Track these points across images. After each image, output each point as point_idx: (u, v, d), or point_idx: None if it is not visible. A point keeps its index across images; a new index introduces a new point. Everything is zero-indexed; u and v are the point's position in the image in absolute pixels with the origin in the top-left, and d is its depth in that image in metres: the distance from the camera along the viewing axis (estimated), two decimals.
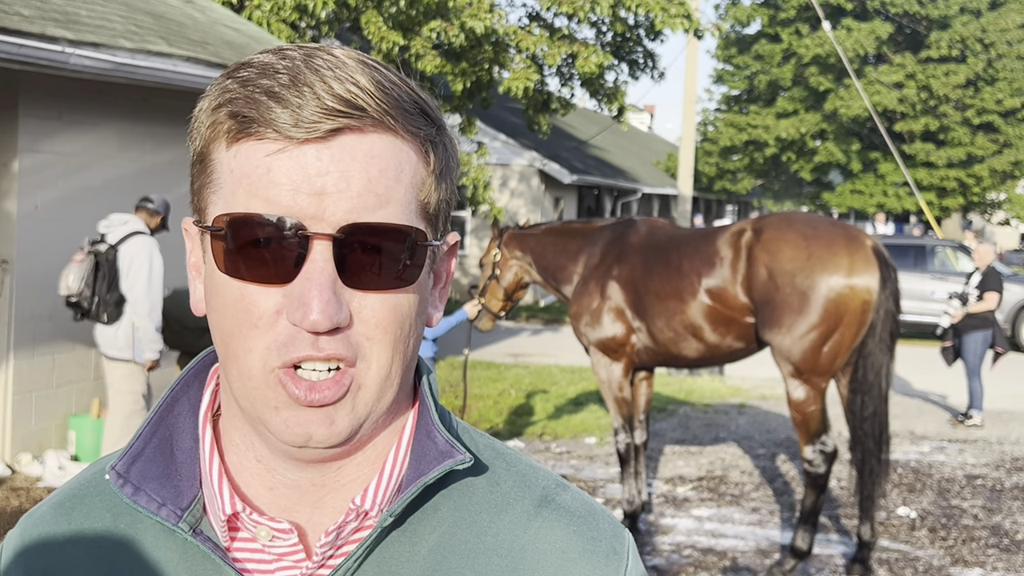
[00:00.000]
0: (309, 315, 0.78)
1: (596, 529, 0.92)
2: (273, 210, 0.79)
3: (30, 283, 7.03)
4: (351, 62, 0.81)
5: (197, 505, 0.88)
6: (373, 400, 0.83)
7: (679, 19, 13.22)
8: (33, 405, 7.37)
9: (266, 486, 0.88)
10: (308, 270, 0.79)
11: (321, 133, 0.79)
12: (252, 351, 0.81)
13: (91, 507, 0.92)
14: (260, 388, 0.81)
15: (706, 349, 6.20)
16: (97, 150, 7.63)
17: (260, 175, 0.80)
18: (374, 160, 0.80)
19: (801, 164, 32.60)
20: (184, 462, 0.90)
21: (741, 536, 6.76)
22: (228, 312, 0.82)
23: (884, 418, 5.84)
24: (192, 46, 7.98)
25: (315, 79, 0.79)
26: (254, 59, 0.83)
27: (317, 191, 0.79)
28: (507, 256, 7.01)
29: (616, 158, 31.15)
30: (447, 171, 0.87)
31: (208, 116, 0.83)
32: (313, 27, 11.88)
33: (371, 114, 0.80)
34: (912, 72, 30.00)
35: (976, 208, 32.59)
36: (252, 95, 0.80)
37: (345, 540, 0.88)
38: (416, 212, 0.83)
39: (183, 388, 0.94)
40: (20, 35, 6.24)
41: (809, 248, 5.74)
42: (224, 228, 0.81)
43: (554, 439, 9.41)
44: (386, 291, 0.82)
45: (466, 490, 0.91)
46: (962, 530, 7.02)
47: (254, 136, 0.80)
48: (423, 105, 0.84)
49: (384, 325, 0.82)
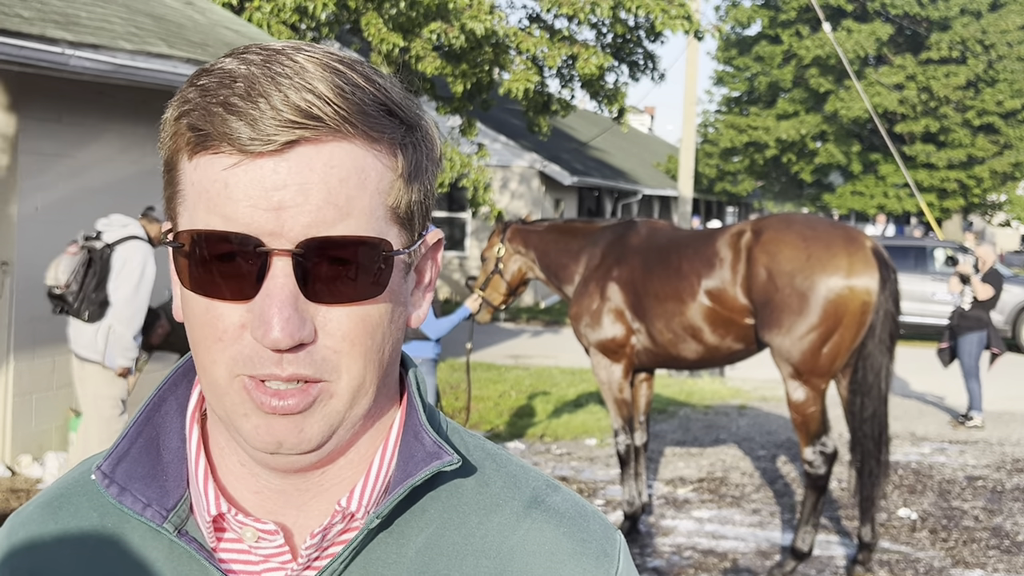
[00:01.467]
0: (270, 333, 0.77)
1: (586, 531, 0.91)
2: (231, 227, 0.78)
3: (30, 285, 7.02)
4: (311, 67, 0.79)
5: (183, 506, 0.87)
6: (345, 408, 0.82)
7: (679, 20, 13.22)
8: (33, 407, 7.37)
9: (251, 490, 0.88)
10: (268, 287, 0.78)
11: (277, 146, 0.77)
12: (217, 363, 0.80)
13: (78, 507, 0.92)
14: (228, 395, 0.80)
15: (706, 351, 6.20)
16: (97, 152, 7.63)
17: (218, 190, 0.78)
18: (333, 170, 0.78)
19: (801, 166, 32.60)
20: (171, 462, 0.89)
21: (742, 537, 6.75)
22: (196, 324, 0.81)
23: (883, 419, 5.84)
24: (192, 48, 7.98)
25: (271, 89, 0.77)
26: (216, 65, 0.81)
27: (275, 206, 0.77)
28: (510, 251, 7.01)
29: (616, 160, 31.15)
30: (418, 171, 0.84)
31: (171, 127, 0.82)
32: (313, 29, 11.87)
33: (328, 123, 0.78)
34: (912, 73, 30.00)
35: (977, 209, 32.58)
36: (209, 107, 0.78)
37: (331, 542, 0.87)
38: (384, 218, 0.81)
39: (171, 387, 0.93)
40: (20, 37, 6.24)
41: (808, 249, 5.74)
42: (185, 244, 0.80)
43: (554, 441, 9.41)
44: (352, 303, 0.80)
45: (454, 491, 0.90)
46: (963, 531, 7.01)
47: (211, 149, 0.78)
48: (390, 106, 0.82)
49: (352, 338, 0.80)
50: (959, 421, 10.53)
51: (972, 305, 10.48)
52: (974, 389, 10.42)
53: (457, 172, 12.79)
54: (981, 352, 10.45)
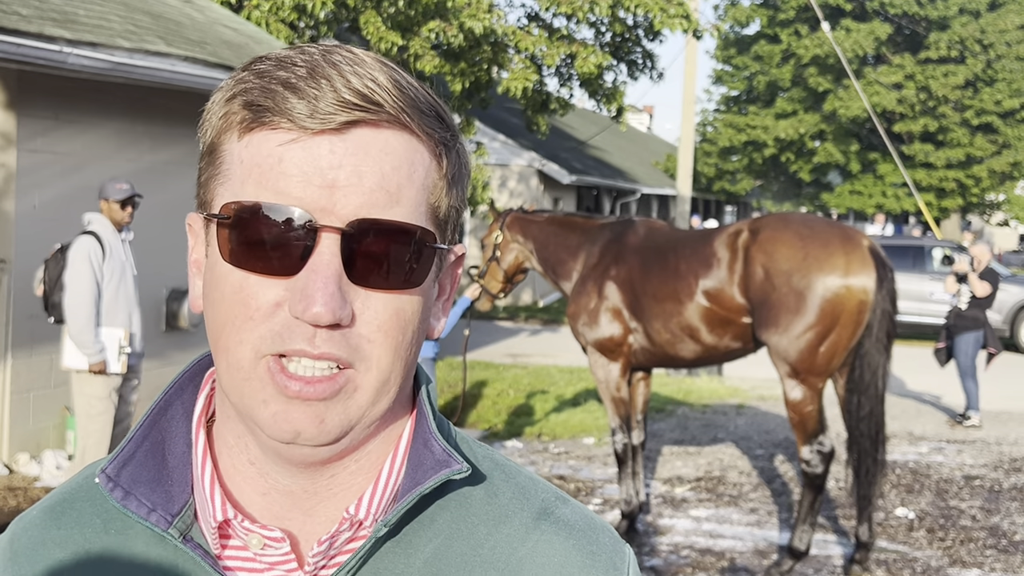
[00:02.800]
0: (312, 307, 0.76)
1: (596, 543, 0.91)
2: (282, 201, 0.78)
3: (28, 283, 7.02)
4: (370, 60, 0.81)
5: (188, 511, 0.86)
6: (368, 403, 0.81)
7: (678, 19, 13.22)
8: (31, 405, 7.36)
9: (259, 491, 0.86)
10: (314, 262, 0.77)
11: (336, 125, 0.77)
12: (244, 342, 0.79)
13: (81, 512, 0.91)
14: (249, 380, 0.79)
15: (703, 350, 6.21)
16: (95, 150, 7.63)
17: (271, 165, 0.78)
18: (388, 156, 0.79)
19: (800, 165, 32.62)
20: (176, 467, 0.88)
21: (739, 536, 6.76)
22: (225, 304, 0.80)
23: (880, 418, 5.84)
24: (190, 46, 7.97)
25: (333, 72, 0.78)
26: (271, 54, 0.82)
27: (328, 184, 0.77)
28: (508, 239, 7.01)
29: (615, 158, 31.15)
30: (459, 177, 0.86)
31: (221, 107, 0.82)
32: (312, 27, 11.87)
33: (387, 110, 0.79)
34: (911, 73, 30.01)
35: (975, 209, 32.60)
36: (268, 85, 0.79)
37: (338, 550, 0.86)
38: (426, 215, 0.82)
39: (177, 392, 0.92)
40: (18, 34, 6.23)
41: (806, 248, 5.75)
42: (231, 216, 0.79)
43: (552, 439, 9.41)
44: (392, 291, 0.80)
45: (463, 501, 0.89)
46: (960, 531, 7.02)
47: (268, 126, 0.79)
48: (439, 109, 0.83)
49: (386, 328, 0.80)
50: (956, 421, 10.54)
51: (969, 305, 10.49)
52: (971, 389, 10.43)
53: None
54: (978, 352, 10.46)
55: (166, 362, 8.26)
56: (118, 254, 6.16)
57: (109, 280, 6.10)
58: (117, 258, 6.14)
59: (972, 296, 10.47)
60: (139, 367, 6.46)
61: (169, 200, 8.19)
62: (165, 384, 0.94)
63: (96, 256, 6.03)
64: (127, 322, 6.21)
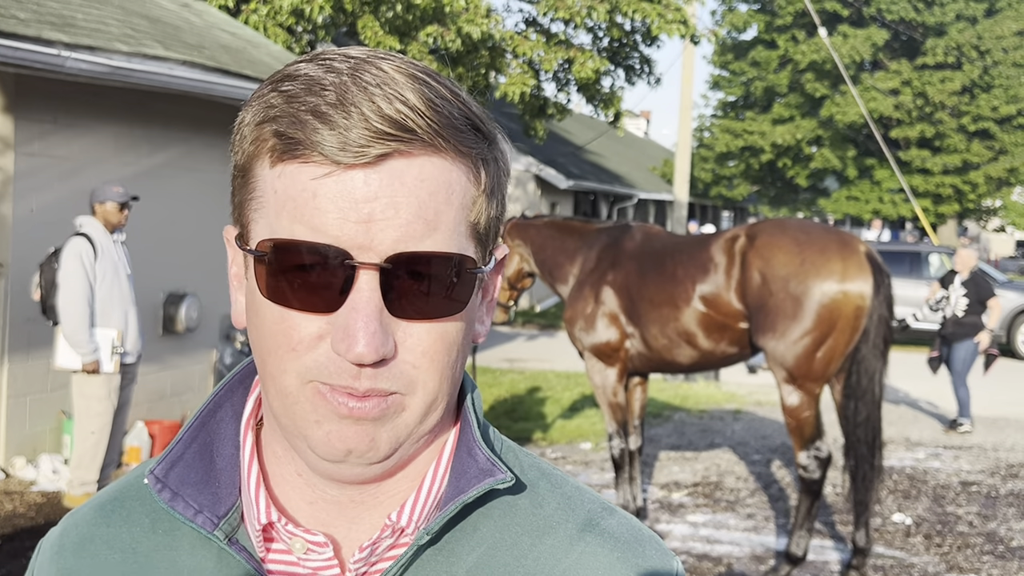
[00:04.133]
0: (355, 347, 0.75)
1: (642, 556, 0.89)
2: (319, 238, 0.76)
3: (25, 286, 7.02)
4: (400, 77, 0.77)
5: (235, 513, 0.87)
6: (415, 423, 0.81)
7: (675, 25, 13.24)
8: (28, 409, 7.35)
9: (306, 500, 0.86)
10: (354, 300, 0.76)
11: (370, 158, 0.75)
12: (288, 371, 0.79)
13: (131, 511, 0.91)
14: (299, 403, 0.79)
15: (700, 355, 6.21)
16: (92, 153, 7.63)
17: (306, 200, 0.76)
18: (424, 184, 0.77)
19: (797, 170, 32.65)
20: (224, 469, 0.89)
21: (736, 542, 6.75)
22: (267, 333, 0.80)
23: (877, 424, 5.84)
24: (188, 50, 7.97)
25: (363, 98, 0.76)
26: (299, 70, 0.79)
27: (364, 218, 0.76)
28: (510, 244, 7.03)
29: (612, 164, 31.17)
30: (498, 187, 0.85)
31: (252, 131, 0.80)
32: (309, 31, 11.88)
33: (421, 136, 0.76)
34: (908, 79, 30.06)
35: (972, 215, 32.66)
36: (297, 114, 0.76)
37: (380, 557, 0.85)
38: (466, 234, 0.80)
39: (227, 393, 0.92)
40: (16, 38, 6.23)
41: (803, 254, 5.75)
42: (268, 252, 0.78)
43: (549, 444, 9.41)
44: (434, 320, 0.79)
45: (508, 510, 0.88)
46: (957, 537, 7.02)
47: (300, 158, 0.77)
48: (474, 120, 0.81)
49: (431, 354, 0.79)
50: (949, 427, 10.54)
51: (967, 312, 10.49)
52: (963, 396, 10.42)
53: None
54: (975, 359, 10.46)
55: (163, 366, 8.26)
56: (110, 254, 6.19)
57: (102, 280, 6.14)
58: (109, 258, 6.17)
59: (968, 303, 10.47)
60: (135, 367, 6.47)
61: (167, 204, 8.19)
62: (161, 388, 0.94)
63: (88, 257, 6.07)
64: (122, 322, 6.24)
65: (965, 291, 10.52)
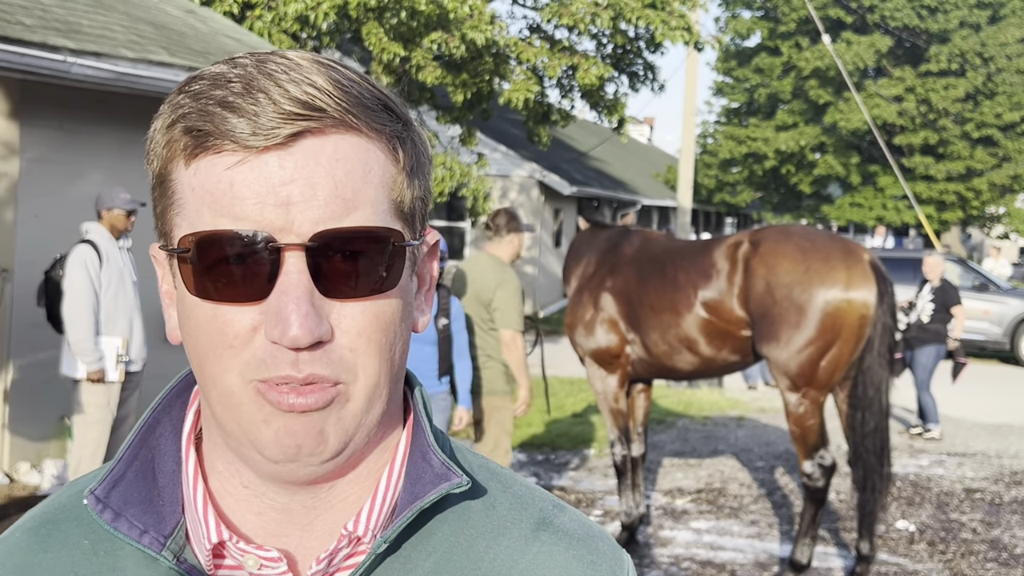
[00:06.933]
0: (288, 331, 0.74)
1: (595, 552, 0.90)
2: (241, 225, 0.76)
3: (30, 292, 7.02)
4: (305, 63, 0.78)
5: (180, 532, 0.84)
6: (361, 412, 0.80)
7: (679, 31, 13.25)
8: (32, 414, 7.35)
9: (254, 511, 0.85)
10: (283, 283, 0.76)
11: (281, 139, 0.75)
12: (228, 370, 0.77)
13: (67, 534, 0.87)
14: (243, 404, 0.78)
15: (701, 362, 6.19)
16: (97, 159, 7.64)
17: (223, 191, 0.76)
18: (339, 163, 0.77)
19: (800, 177, 32.62)
20: (166, 486, 0.86)
21: (740, 549, 6.75)
22: (202, 334, 0.78)
23: (885, 433, 5.83)
24: (193, 56, 7.99)
25: (269, 84, 0.76)
26: (205, 71, 0.79)
27: (283, 201, 0.75)
28: None
29: (616, 170, 31.18)
30: (418, 167, 0.83)
31: (163, 135, 0.79)
32: (314, 38, 11.89)
33: (331, 114, 0.76)
34: (912, 86, 30.05)
35: (975, 222, 32.61)
36: (205, 107, 0.76)
37: (337, 567, 0.84)
38: (389, 212, 0.80)
39: (165, 408, 0.90)
40: (22, 44, 6.25)
41: (807, 261, 5.74)
42: (190, 249, 0.77)
43: (553, 451, 9.40)
44: (367, 298, 0.78)
45: (462, 514, 0.88)
46: (961, 544, 7.01)
47: (212, 150, 0.76)
48: (386, 101, 0.81)
49: (368, 334, 0.79)
50: (917, 433, 10.52)
51: (931, 318, 10.48)
52: (927, 401, 10.43)
53: (457, 181, 12.81)
54: (936, 365, 10.45)
55: (167, 374, 8.25)
56: (116, 261, 6.17)
57: (107, 288, 6.11)
58: (115, 265, 6.15)
59: (934, 309, 10.47)
60: (140, 375, 6.44)
61: None
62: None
63: (93, 264, 6.04)
64: (127, 330, 6.21)
65: (932, 297, 10.53)
